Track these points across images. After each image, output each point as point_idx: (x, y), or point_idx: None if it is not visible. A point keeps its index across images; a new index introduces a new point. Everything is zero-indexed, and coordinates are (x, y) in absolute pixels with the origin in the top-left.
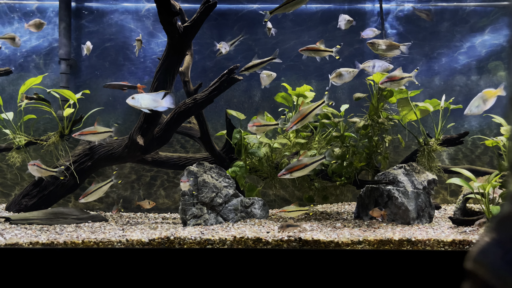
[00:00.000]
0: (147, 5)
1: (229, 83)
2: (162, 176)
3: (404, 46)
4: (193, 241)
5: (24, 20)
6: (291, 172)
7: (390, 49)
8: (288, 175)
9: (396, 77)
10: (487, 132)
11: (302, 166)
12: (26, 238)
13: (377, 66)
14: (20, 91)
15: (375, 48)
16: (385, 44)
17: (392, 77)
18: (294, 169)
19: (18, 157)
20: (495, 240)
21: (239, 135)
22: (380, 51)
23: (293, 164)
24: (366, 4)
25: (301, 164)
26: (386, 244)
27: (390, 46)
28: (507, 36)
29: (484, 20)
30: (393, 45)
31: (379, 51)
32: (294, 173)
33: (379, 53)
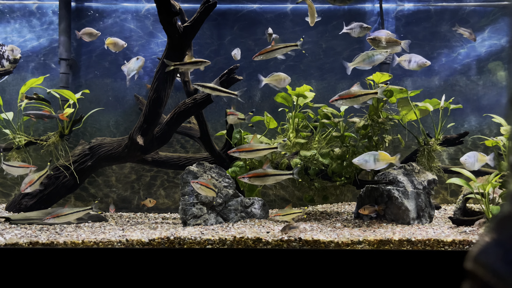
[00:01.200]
0: (147, 5)
1: (229, 83)
2: (162, 176)
3: (405, 43)
4: (193, 241)
5: (24, 20)
6: (250, 178)
7: (391, 46)
8: (247, 179)
9: (350, 95)
10: (487, 132)
11: (263, 174)
12: (26, 238)
13: (413, 61)
14: (20, 91)
15: (376, 44)
16: (386, 40)
17: (343, 95)
18: (255, 175)
19: (18, 157)
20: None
21: (239, 135)
22: (381, 47)
23: (256, 171)
24: (366, 4)
25: (264, 172)
26: (386, 244)
27: (391, 42)
28: (507, 36)
29: (484, 20)
30: (394, 42)
31: (380, 48)
32: (253, 179)
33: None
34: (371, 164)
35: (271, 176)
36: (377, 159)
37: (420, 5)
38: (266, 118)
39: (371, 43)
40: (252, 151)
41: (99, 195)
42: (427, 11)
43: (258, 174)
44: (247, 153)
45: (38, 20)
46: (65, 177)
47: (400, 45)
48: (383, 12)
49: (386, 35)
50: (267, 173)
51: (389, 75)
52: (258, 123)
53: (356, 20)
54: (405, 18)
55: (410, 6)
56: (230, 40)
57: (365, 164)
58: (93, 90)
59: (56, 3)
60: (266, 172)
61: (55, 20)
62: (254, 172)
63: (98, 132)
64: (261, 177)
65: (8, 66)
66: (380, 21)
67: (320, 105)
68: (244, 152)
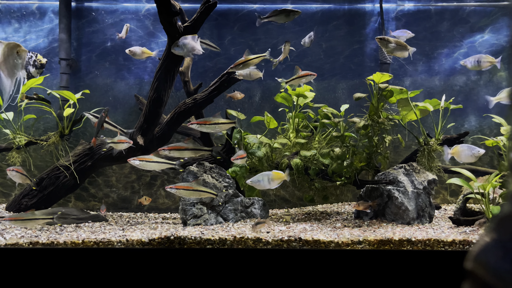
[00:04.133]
0: (147, 5)
1: (229, 83)
2: (162, 176)
3: (412, 51)
4: (193, 241)
5: (24, 20)
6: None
7: (399, 49)
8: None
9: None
10: (487, 132)
11: (190, 188)
12: (26, 238)
13: (482, 61)
14: (20, 91)
15: (384, 45)
16: (395, 42)
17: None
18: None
19: (18, 157)
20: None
21: (239, 135)
22: (389, 49)
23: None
24: (366, 4)
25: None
26: (386, 244)
27: (400, 46)
28: (507, 36)
29: (484, 20)
30: (403, 46)
31: (388, 49)
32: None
33: (387, 51)
34: (266, 183)
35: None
36: (271, 179)
37: (420, 5)
38: (267, 118)
39: (380, 43)
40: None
41: (99, 195)
42: (427, 11)
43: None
44: (176, 151)
45: (38, 20)
46: (65, 177)
47: (408, 51)
48: (383, 12)
49: (407, 34)
50: (187, 147)
51: (389, 75)
52: (258, 123)
53: (356, 20)
54: (405, 18)
55: (410, 6)
56: (230, 40)
57: (259, 184)
58: (93, 90)
59: (56, 3)
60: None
61: (55, 20)
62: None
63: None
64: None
65: (35, 72)
66: (380, 21)
67: (320, 105)
68: (174, 150)
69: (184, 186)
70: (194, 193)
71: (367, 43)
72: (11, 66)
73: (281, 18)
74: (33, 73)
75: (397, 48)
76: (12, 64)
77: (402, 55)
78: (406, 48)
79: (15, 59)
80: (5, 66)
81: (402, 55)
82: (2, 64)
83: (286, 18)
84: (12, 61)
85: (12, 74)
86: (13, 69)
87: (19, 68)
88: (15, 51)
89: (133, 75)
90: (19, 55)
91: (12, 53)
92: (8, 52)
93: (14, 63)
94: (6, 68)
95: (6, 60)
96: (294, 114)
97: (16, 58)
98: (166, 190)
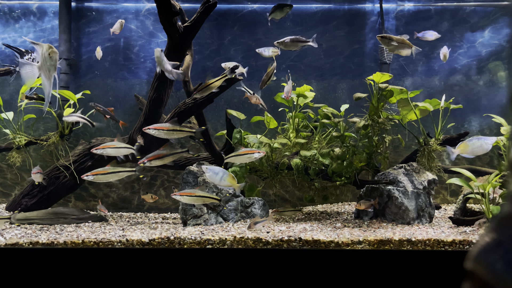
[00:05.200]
0: (147, 5)
1: (229, 83)
2: (162, 176)
3: (415, 50)
4: (193, 241)
5: (24, 20)
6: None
7: (402, 47)
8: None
9: (160, 155)
10: (487, 132)
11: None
12: (26, 238)
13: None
14: (21, 91)
15: (386, 43)
16: (398, 40)
17: (153, 156)
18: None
19: (18, 157)
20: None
21: (239, 135)
22: (391, 47)
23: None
24: (366, 4)
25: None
26: (386, 244)
27: (403, 44)
28: (507, 36)
29: (484, 20)
30: (406, 44)
31: (390, 47)
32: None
33: (389, 49)
34: (217, 179)
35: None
36: (224, 178)
37: (420, 5)
38: (266, 118)
39: (381, 41)
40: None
41: (99, 195)
42: (427, 11)
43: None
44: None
45: (38, 20)
46: (65, 177)
47: (411, 49)
48: (383, 12)
49: (434, 36)
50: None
51: (389, 75)
52: (258, 123)
53: (356, 20)
54: (405, 18)
55: (410, 6)
56: (230, 40)
57: (212, 177)
58: (93, 90)
59: (56, 3)
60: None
61: (55, 20)
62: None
63: (98, 132)
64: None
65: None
66: (380, 21)
67: (320, 105)
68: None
69: (188, 193)
70: (198, 199)
71: (367, 43)
72: (47, 68)
73: (277, 15)
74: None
75: (400, 46)
76: (48, 66)
77: (404, 53)
78: (409, 46)
79: (48, 61)
80: (43, 68)
81: (405, 53)
82: (42, 66)
83: (281, 13)
84: (47, 63)
85: (49, 75)
86: (48, 71)
87: (52, 69)
88: (48, 53)
89: (133, 75)
90: (50, 56)
91: (46, 55)
92: (45, 54)
93: (49, 65)
94: (44, 70)
95: (44, 62)
96: (294, 114)
97: (48, 60)
98: (172, 197)
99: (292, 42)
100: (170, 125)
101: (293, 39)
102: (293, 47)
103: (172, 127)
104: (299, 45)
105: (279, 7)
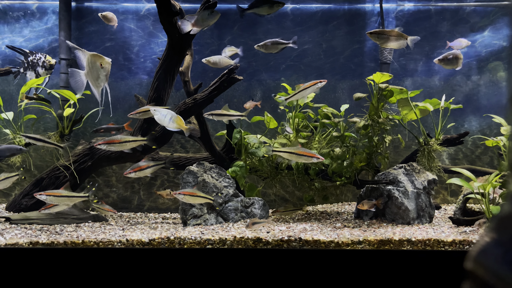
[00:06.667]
0: (147, 5)
1: (229, 83)
2: (162, 176)
3: (411, 39)
4: (193, 241)
5: (24, 20)
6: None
7: (394, 40)
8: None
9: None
10: (487, 132)
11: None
12: (26, 238)
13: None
14: (21, 91)
15: (375, 38)
16: (388, 33)
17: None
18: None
19: (18, 157)
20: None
21: (239, 135)
22: (382, 41)
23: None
24: (366, 4)
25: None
26: (386, 244)
27: (397, 36)
28: (507, 36)
29: (484, 20)
30: (400, 36)
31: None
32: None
33: (383, 44)
34: (166, 122)
35: (128, 142)
36: (173, 120)
37: (420, 5)
38: (266, 118)
39: (371, 38)
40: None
41: (99, 195)
42: (427, 11)
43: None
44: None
45: (38, 20)
46: (65, 177)
47: (406, 40)
48: (383, 12)
49: (466, 44)
50: (124, 139)
51: (389, 75)
52: (258, 123)
53: (356, 20)
54: (405, 18)
55: (410, 6)
56: (230, 40)
57: (161, 119)
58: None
59: (56, 3)
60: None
61: (55, 20)
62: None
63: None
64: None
65: (44, 73)
66: (380, 21)
67: (320, 105)
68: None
69: (186, 192)
70: (196, 199)
71: (367, 43)
72: (95, 77)
73: (263, 10)
74: (42, 74)
75: (392, 39)
76: (96, 75)
77: (399, 46)
78: (403, 37)
79: (99, 71)
80: (90, 77)
81: (399, 45)
82: (88, 74)
83: (270, 10)
84: (95, 72)
85: (97, 85)
86: (97, 80)
87: (103, 80)
88: (99, 63)
89: (133, 75)
90: (103, 67)
91: (95, 65)
92: (92, 63)
93: (98, 75)
94: (91, 79)
95: (91, 71)
96: (294, 114)
97: (100, 70)
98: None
99: (272, 45)
100: (122, 136)
101: (273, 42)
102: (274, 49)
103: (124, 139)
104: (279, 47)
105: (268, 2)
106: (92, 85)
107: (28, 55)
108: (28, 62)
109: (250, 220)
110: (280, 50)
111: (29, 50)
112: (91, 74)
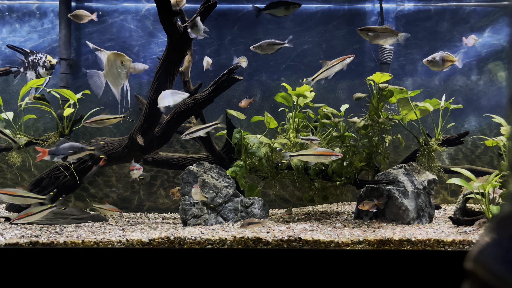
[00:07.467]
0: (147, 5)
1: (229, 83)
2: (162, 176)
3: (402, 36)
4: (193, 241)
5: (24, 20)
6: None
7: (385, 36)
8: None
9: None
10: (487, 132)
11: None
12: (26, 238)
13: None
14: (21, 91)
15: (365, 35)
16: (379, 30)
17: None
18: None
19: (18, 157)
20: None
21: (239, 135)
22: (370, 37)
23: None
24: (366, 4)
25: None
26: (386, 244)
27: (386, 32)
28: (507, 36)
29: (484, 20)
30: (390, 32)
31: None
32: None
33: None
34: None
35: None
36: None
37: (420, 5)
38: (266, 118)
39: (361, 34)
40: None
41: (99, 195)
42: (427, 11)
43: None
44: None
45: (38, 20)
46: (65, 177)
47: (396, 37)
48: (383, 12)
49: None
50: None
51: (389, 75)
52: (258, 123)
53: (356, 20)
54: (405, 18)
55: (410, 6)
56: (230, 40)
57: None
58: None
59: (56, 3)
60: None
61: (55, 20)
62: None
63: (98, 132)
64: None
65: (44, 73)
66: (380, 21)
67: (320, 105)
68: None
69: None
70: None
71: (367, 43)
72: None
73: (280, 11)
74: (42, 74)
75: (382, 35)
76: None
77: (387, 42)
78: (393, 33)
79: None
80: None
81: (389, 42)
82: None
83: (286, 11)
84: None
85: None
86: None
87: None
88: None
89: (133, 75)
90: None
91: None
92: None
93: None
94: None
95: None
96: (294, 114)
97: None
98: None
99: (268, 46)
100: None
101: (268, 43)
102: (269, 50)
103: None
104: (275, 48)
105: (285, 4)
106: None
107: (28, 55)
108: (28, 62)
109: (245, 220)
110: (276, 50)
111: (29, 49)
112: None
